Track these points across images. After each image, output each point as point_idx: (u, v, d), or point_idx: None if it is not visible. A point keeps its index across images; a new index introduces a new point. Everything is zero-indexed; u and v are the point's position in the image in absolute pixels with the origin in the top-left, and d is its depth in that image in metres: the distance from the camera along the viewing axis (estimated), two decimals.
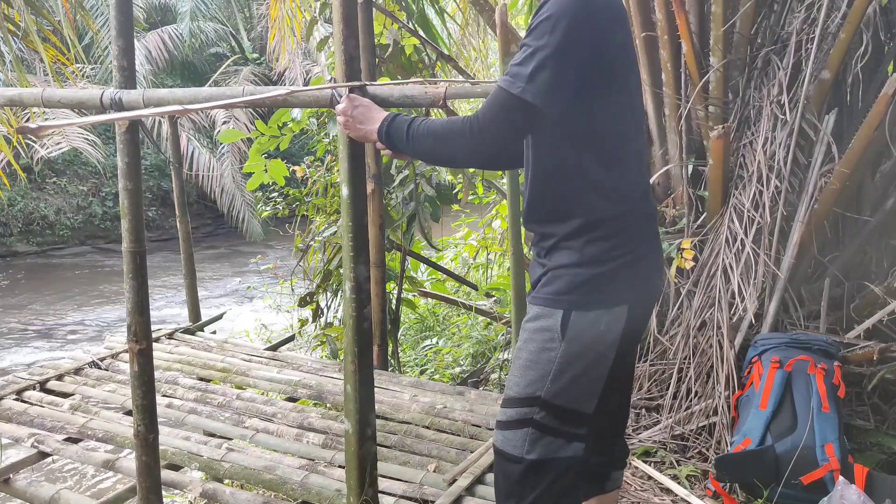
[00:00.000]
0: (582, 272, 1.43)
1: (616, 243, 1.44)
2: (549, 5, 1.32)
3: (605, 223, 1.43)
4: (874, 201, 2.95)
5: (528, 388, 1.47)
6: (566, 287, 1.43)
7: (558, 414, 1.46)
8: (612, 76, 1.40)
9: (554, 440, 1.47)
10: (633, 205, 1.47)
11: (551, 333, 1.44)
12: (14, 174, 10.61)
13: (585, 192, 1.43)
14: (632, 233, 1.46)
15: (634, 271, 1.46)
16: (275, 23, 5.04)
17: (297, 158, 6.53)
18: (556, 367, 1.44)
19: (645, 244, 1.50)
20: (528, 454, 1.46)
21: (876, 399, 2.72)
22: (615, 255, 1.43)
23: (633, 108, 1.50)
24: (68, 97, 1.99)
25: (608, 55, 1.37)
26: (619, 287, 1.44)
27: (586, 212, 1.43)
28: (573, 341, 1.43)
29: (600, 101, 1.40)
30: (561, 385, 1.44)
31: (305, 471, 2.18)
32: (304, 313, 4.03)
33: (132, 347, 1.85)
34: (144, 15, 13.58)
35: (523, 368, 1.48)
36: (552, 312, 1.44)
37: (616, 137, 1.44)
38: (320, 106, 1.67)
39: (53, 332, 7.71)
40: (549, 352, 1.44)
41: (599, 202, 1.43)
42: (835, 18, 2.78)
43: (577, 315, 1.42)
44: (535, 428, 1.46)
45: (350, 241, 1.67)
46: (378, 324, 3.22)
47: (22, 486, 2.33)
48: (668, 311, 3.04)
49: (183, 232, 3.67)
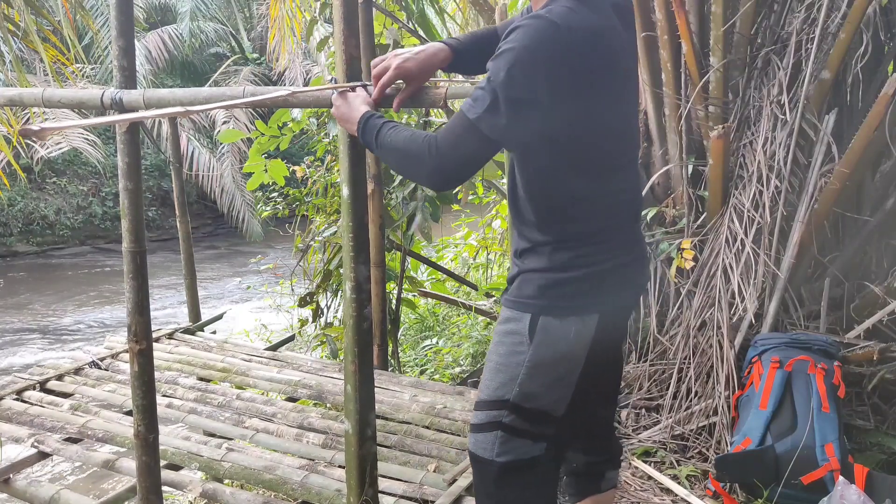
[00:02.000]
0: (551, 277, 1.42)
1: (589, 251, 1.43)
2: (513, 37, 1.29)
3: (580, 232, 1.43)
4: (874, 201, 2.95)
5: (497, 392, 1.47)
6: (536, 291, 1.43)
7: (527, 416, 1.46)
8: (590, 94, 1.35)
9: (522, 442, 1.47)
10: (613, 216, 1.46)
11: (520, 337, 1.43)
12: (14, 174, 10.61)
13: (563, 200, 1.42)
14: (608, 243, 1.45)
15: (608, 281, 1.44)
16: (275, 23, 5.04)
17: (297, 158, 6.53)
18: (524, 371, 1.43)
19: (624, 255, 1.48)
20: (498, 457, 1.47)
21: (876, 399, 2.72)
22: (587, 263, 1.42)
23: (621, 119, 1.47)
24: (68, 97, 1.99)
25: (581, 78, 1.32)
26: (591, 295, 1.43)
27: (563, 220, 1.43)
28: (540, 346, 1.42)
29: (578, 119, 1.36)
30: (529, 389, 1.44)
31: (305, 471, 2.18)
32: (304, 313, 4.03)
33: (132, 347, 1.85)
34: (144, 15, 13.57)
35: (493, 371, 1.48)
36: (521, 316, 1.44)
37: (598, 150, 1.42)
38: (320, 106, 1.67)
39: (53, 332, 7.71)
40: (517, 355, 1.44)
41: (576, 212, 1.42)
42: (835, 18, 2.78)
43: (545, 320, 1.42)
44: (503, 431, 1.46)
45: (350, 241, 1.67)
46: (378, 324, 3.22)
47: (22, 486, 2.33)
48: (668, 311, 3.04)
49: (183, 232, 3.67)
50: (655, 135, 3.21)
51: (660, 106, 3.15)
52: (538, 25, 1.27)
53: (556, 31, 1.27)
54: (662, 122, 3.16)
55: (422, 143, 1.37)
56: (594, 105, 1.37)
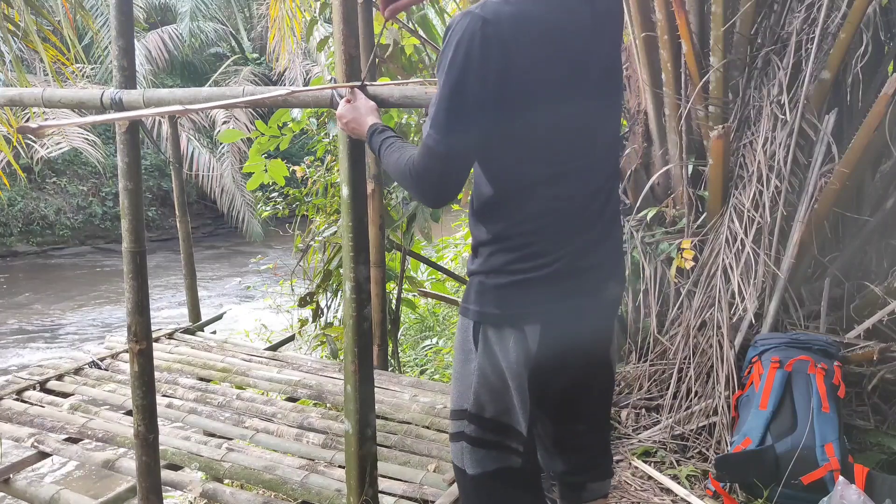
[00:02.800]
0: (486, 282, 1.39)
1: (523, 255, 1.36)
2: (446, 41, 1.26)
3: (513, 239, 1.37)
4: (874, 201, 2.95)
5: (458, 402, 1.45)
6: (475, 297, 1.40)
7: (489, 427, 1.42)
8: (526, 89, 1.28)
9: (487, 452, 1.43)
10: (555, 222, 1.37)
11: (469, 345, 1.41)
12: (14, 174, 10.61)
13: (499, 196, 1.37)
14: (548, 250, 1.36)
15: (549, 289, 1.36)
16: (275, 23, 5.05)
17: (297, 158, 6.54)
18: (475, 380, 1.40)
19: (576, 261, 1.39)
20: (468, 468, 1.45)
21: (876, 399, 2.71)
22: (522, 269, 1.36)
23: (571, 118, 1.36)
24: (68, 97, 1.99)
25: (515, 73, 1.26)
26: (526, 304, 1.36)
27: (502, 220, 1.38)
28: (483, 355, 1.39)
29: (521, 119, 1.31)
30: (482, 397, 1.41)
31: (305, 471, 2.18)
32: (304, 313, 4.03)
33: (132, 347, 1.85)
34: (144, 15, 13.58)
35: (454, 381, 1.47)
36: (467, 323, 1.42)
37: (538, 151, 1.35)
38: (320, 106, 1.67)
39: (53, 332, 7.71)
40: (468, 363, 1.42)
41: (517, 213, 1.36)
42: (835, 18, 2.78)
43: (486, 329, 1.39)
44: (467, 441, 1.44)
45: (350, 241, 1.67)
46: (378, 324, 3.22)
47: (22, 486, 2.33)
48: (668, 311, 3.04)
49: (183, 232, 3.67)
50: (655, 135, 3.21)
51: (660, 106, 3.15)
52: (465, 25, 1.23)
53: (484, 26, 1.22)
54: (662, 122, 3.16)
55: (404, 168, 1.36)
56: (532, 101, 1.30)
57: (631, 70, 3.30)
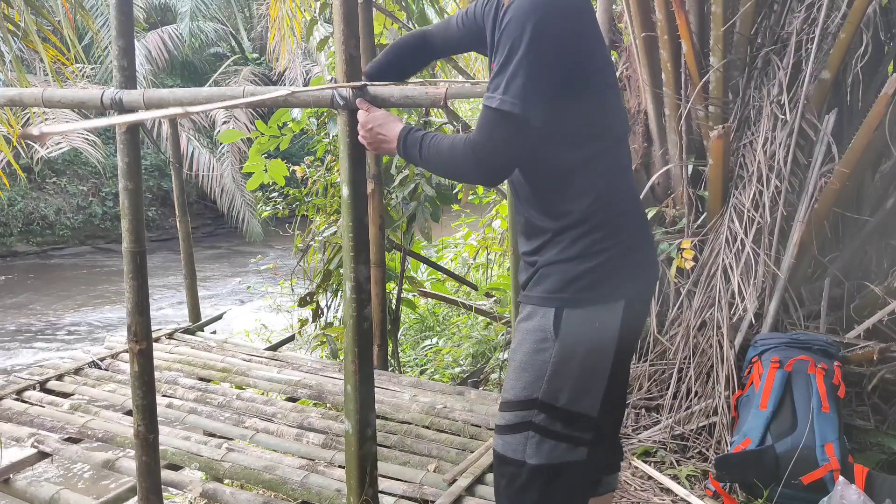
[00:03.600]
0: (572, 268, 1.40)
1: (606, 234, 1.40)
2: (512, 9, 1.31)
3: (594, 217, 1.40)
4: (874, 201, 2.95)
5: (524, 391, 1.43)
6: (557, 284, 1.40)
7: (559, 416, 1.41)
8: (590, 70, 1.38)
9: (557, 444, 1.42)
10: (622, 199, 1.45)
11: (544, 333, 1.40)
12: (14, 174, 10.61)
13: (575, 187, 1.41)
14: (622, 224, 1.43)
15: (628, 264, 1.43)
16: (275, 23, 5.04)
17: (297, 158, 6.54)
18: (551, 368, 1.40)
19: (637, 235, 1.47)
20: (529, 458, 1.42)
21: (876, 399, 2.72)
22: (607, 247, 1.40)
23: (615, 102, 1.48)
24: (68, 97, 1.99)
25: (581, 51, 1.35)
26: (614, 282, 1.40)
27: (576, 207, 1.41)
28: (567, 340, 1.39)
29: (582, 97, 1.38)
30: (558, 385, 1.40)
31: (305, 471, 2.18)
32: (304, 313, 4.03)
33: (132, 347, 1.85)
34: (144, 15, 13.58)
35: (518, 370, 1.45)
36: (545, 311, 1.41)
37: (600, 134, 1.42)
38: (320, 106, 1.67)
39: (54, 332, 7.71)
40: (542, 352, 1.41)
41: (587, 197, 1.40)
42: (835, 18, 2.78)
43: (570, 313, 1.39)
44: (535, 431, 1.42)
45: (350, 241, 1.67)
46: (378, 324, 3.22)
47: (22, 486, 2.33)
48: (668, 311, 3.04)
49: (183, 232, 3.67)
50: (655, 135, 3.21)
51: (660, 106, 3.15)
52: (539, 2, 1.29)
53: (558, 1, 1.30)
54: (662, 122, 3.16)
55: (464, 147, 1.37)
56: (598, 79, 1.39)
57: (631, 70, 3.30)
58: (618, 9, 3.43)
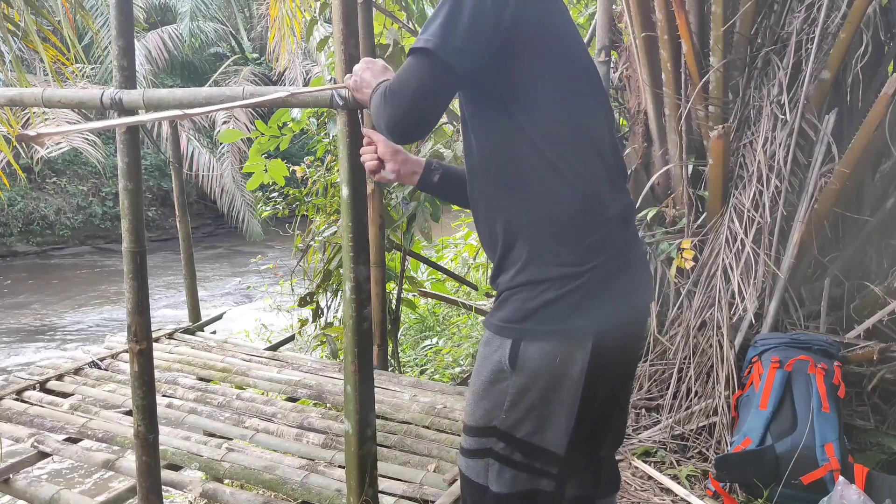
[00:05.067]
0: (534, 296, 1.25)
1: (577, 259, 1.24)
2: None
3: (560, 236, 1.26)
4: (874, 201, 2.95)
5: (483, 418, 1.34)
6: (516, 314, 1.27)
7: (520, 447, 1.32)
8: (542, 48, 1.25)
9: (518, 474, 1.32)
10: (601, 217, 1.28)
11: (500, 364, 1.29)
12: (14, 174, 10.61)
13: (541, 195, 1.27)
14: (597, 248, 1.26)
15: (603, 295, 1.26)
16: (275, 23, 5.04)
17: (297, 158, 6.54)
18: (509, 399, 1.30)
19: (618, 259, 1.29)
20: (492, 485, 1.34)
21: (876, 399, 2.72)
22: (577, 273, 1.24)
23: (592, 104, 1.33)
24: (68, 97, 1.99)
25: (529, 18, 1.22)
26: (582, 315, 1.25)
27: (537, 224, 1.27)
28: (524, 374, 1.27)
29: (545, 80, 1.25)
30: (517, 417, 1.30)
31: (305, 471, 2.18)
32: (304, 313, 4.03)
33: (132, 347, 1.85)
34: (144, 15, 13.58)
35: (477, 397, 1.35)
36: (501, 342, 1.29)
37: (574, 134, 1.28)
38: (320, 106, 1.67)
39: (53, 332, 7.71)
40: (500, 382, 1.31)
41: (552, 211, 1.26)
42: (835, 18, 2.78)
43: (527, 346, 1.26)
44: (495, 459, 1.34)
45: (350, 241, 1.67)
46: (378, 324, 3.22)
47: (22, 486, 2.33)
48: (668, 311, 3.04)
49: (183, 232, 3.67)
50: (655, 135, 3.21)
51: (660, 106, 3.15)
52: None
53: None
54: (662, 122, 3.16)
55: (380, 92, 1.25)
56: (557, 60, 1.26)
57: (631, 70, 3.30)
58: (618, 9, 3.43)
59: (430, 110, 1.23)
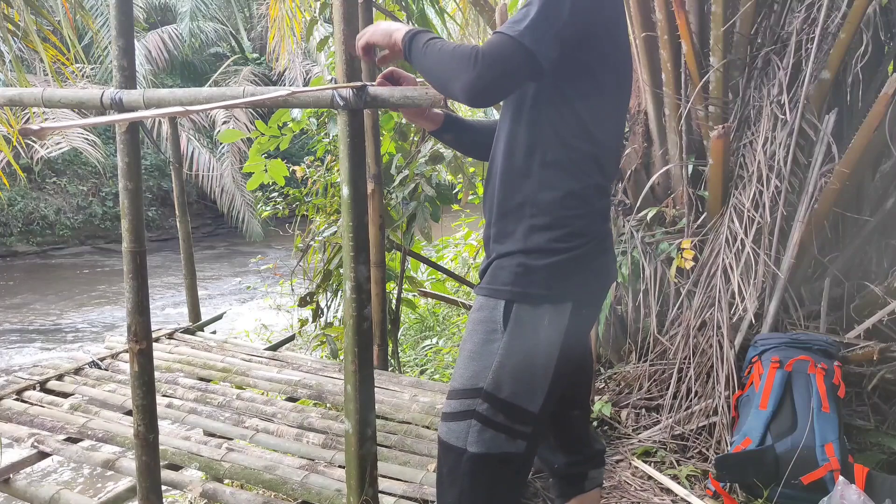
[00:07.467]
0: (528, 262, 1.42)
1: (567, 233, 1.43)
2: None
3: (560, 213, 1.43)
4: (874, 201, 2.95)
5: (471, 380, 1.46)
6: (511, 277, 1.43)
7: (501, 408, 1.45)
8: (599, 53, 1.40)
9: (497, 434, 1.45)
10: (591, 206, 1.47)
11: (494, 325, 1.43)
12: (14, 174, 10.62)
13: (550, 176, 1.43)
14: (584, 230, 1.45)
15: (584, 268, 1.45)
16: (275, 23, 5.04)
17: (297, 158, 6.55)
18: (497, 360, 1.43)
19: (597, 244, 1.49)
20: (470, 447, 1.45)
21: (876, 399, 2.72)
22: (567, 247, 1.42)
23: (618, 100, 1.50)
24: (68, 97, 1.99)
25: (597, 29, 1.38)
26: (568, 282, 1.43)
27: (545, 198, 1.43)
28: (514, 334, 1.42)
29: (580, 79, 1.40)
30: (502, 377, 1.43)
31: (305, 471, 2.18)
32: (304, 313, 4.03)
33: (132, 347, 1.85)
34: (144, 15, 13.59)
35: (467, 359, 1.48)
36: (495, 303, 1.44)
37: (586, 135, 1.44)
38: (320, 106, 1.67)
39: (53, 332, 7.71)
40: (491, 343, 1.44)
41: (558, 192, 1.43)
42: (835, 18, 2.78)
43: (520, 308, 1.42)
44: (478, 420, 1.45)
45: (350, 241, 1.67)
46: (378, 324, 3.22)
47: (22, 486, 2.33)
48: (668, 311, 3.04)
49: (183, 232, 3.67)
50: (655, 135, 3.21)
51: (660, 106, 3.15)
52: None
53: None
54: (662, 122, 3.16)
55: (470, 52, 1.33)
56: (604, 66, 1.42)
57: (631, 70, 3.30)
58: None
59: (509, 87, 1.38)
